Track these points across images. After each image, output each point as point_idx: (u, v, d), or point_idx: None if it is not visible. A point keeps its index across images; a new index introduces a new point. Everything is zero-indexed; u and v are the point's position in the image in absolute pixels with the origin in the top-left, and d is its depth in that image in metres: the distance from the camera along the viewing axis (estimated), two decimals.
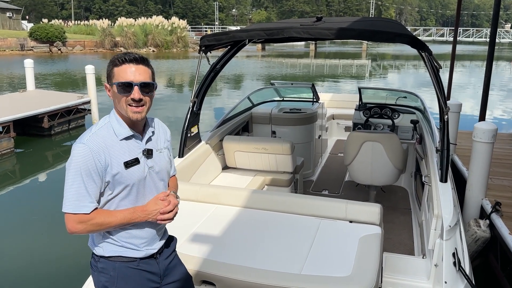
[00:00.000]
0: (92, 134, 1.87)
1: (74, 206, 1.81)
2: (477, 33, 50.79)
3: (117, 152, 1.88)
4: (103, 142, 1.86)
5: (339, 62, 34.35)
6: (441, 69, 3.25)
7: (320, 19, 3.72)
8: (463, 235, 2.95)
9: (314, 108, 6.12)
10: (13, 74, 22.32)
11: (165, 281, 2.09)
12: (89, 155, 1.81)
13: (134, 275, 1.97)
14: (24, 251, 5.11)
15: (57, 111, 10.29)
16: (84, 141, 1.84)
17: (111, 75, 1.90)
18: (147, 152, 1.97)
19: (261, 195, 3.29)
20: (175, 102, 15.74)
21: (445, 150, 3.22)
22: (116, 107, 1.93)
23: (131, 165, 1.90)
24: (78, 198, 1.81)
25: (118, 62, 1.88)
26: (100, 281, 1.98)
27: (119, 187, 1.90)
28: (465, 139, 6.93)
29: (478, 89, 17.77)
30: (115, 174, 1.87)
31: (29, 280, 4.55)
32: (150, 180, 1.99)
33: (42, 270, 4.72)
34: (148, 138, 2.00)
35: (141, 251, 1.99)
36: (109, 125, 1.92)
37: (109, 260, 1.96)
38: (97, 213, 1.86)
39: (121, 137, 1.91)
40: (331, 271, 2.37)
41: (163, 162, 2.06)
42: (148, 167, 1.97)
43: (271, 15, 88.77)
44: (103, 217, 1.86)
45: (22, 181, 7.61)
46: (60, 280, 4.53)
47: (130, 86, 1.86)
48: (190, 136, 4.08)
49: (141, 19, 44.00)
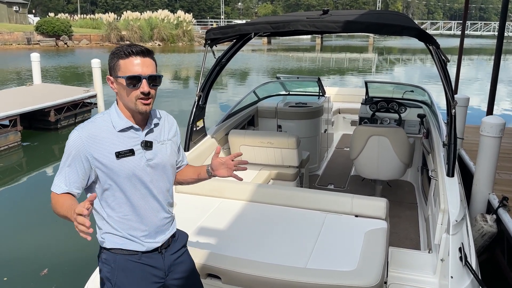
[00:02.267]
0: (87, 122, 1.91)
1: (54, 185, 1.92)
2: (485, 26, 50.26)
3: (110, 142, 1.87)
4: (96, 131, 1.88)
5: (346, 55, 34.17)
6: (449, 62, 3.22)
7: (326, 12, 3.69)
8: (470, 230, 2.94)
9: (320, 102, 6.09)
10: (19, 68, 22.42)
11: (170, 277, 2.07)
12: (78, 141, 1.85)
13: (135, 269, 1.96)
14: (31, 243, 5.17)
15: (64, 105, 10.33)
16: (77, 128, 1.89)
17: (115, 67, 1.87)
18: (146, 144, 1.94)
19: (266, 189, 3.29)
20: (180, 96, 15.75)
21: (452, 145, 3.19)
22: (122, 100, 1.92)
23: (123, 155, 1.88)
24: (58, 178, 1.91)
25: (124, 54, 1.84)
26: (102, 271, 2.00)
27: (111, 177, 1.89)
28: (472, 133, 6.88)
29: (486, 83, 17.61)
30: (104, 164, 1.86)
31: (37, 271, 4.60)
32: (150, 172, 1.96)
33: (48, 262, 4.76)
34: (149, 130, 1.98)
35: (143, 244, 1.97)
36: (108, 116, 1.93)
37: (110, 252, 1.97)
38: (62, 197, 1.87)
39: (118, 128, 1.90)
40: (336, 265, 2.37)
41: (164, 154, 2.02)
42: (146, 159, 1.94)
43: (277, 9, 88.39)
44: (59, 203, 1.85)
45: (28, 174, 7.66)
46: (68, 271, 4.58)
47: (139, 79, 1.84)
48: (195, 130, 4.08)
49: (147, 13, 44.01)
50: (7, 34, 36.96)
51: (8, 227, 5.66)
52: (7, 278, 4.51)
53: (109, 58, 1.90)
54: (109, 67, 1.91)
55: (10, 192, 6.88)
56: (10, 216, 5.98)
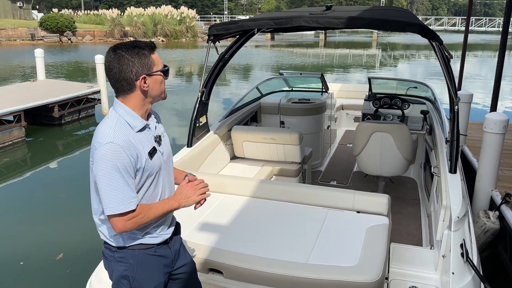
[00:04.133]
0: (114, 131, 1.82)
1: (121, 205, 1.80)
2: (490, 22, 49.89)
3: (139, 144, 1.89)
4: (127, 137, 1.84)
5: (349, 51, 34.02)
6: (452, 59, 3.22)
7: (329, 8, 3.69)
8: (472, 226, 2.94)
9: (323, 98, 6.09)
10: (23, 63, 22.46)
11: (176, 265, 2.14)
12: (121, 152, 1.79)
13: (152, 261, 2.02)
14: (45, 232, 5.33)
15: (67, 101, 10.36)
16: (111, 139, 1.79)
17: (150, 64, 1.88)
18: (159, 139, 2.01)
19: (268, 185, 3.30)
20: (183, 92, 15.75)
21: (455, 141, 3.19)
22: (151, 94, 1.92)
23: (152, 154, 1.93)
24: (123, 197, 1.79)
25: (149, 50, 1.90)
26: (118, 271, 1.99)
27: (149, 177, 1.93)
28: (476, 129, 6.86)
29: (490, 80, 17.53)
30: (144, 166, 1.89)
31: (53, 256, 4.76)
32: (164, 164, 2.04)
33: (63, 248, 4.90)
34: (153, 125, 2.03)
35: (158, 237, 2.03)
36: (122, 119, 1.88)
37: (128, 249, 1.98)
38: (141, 208, 1.87)
39: (137, 129, 1.91)
40: (337, 260, 2.38)
41: (168, 146, 2.12)
42: (160, 153, 2.01)
43: (281, 4, 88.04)
44: (148, 211, 1.89)
45: (33, 170, 7.71)
46: (82, 256, 4.70)
47: (168, 69, 1.99)
48: (198, 126, 4.10)
49: (150, 8, 43.89)
50: (11, 30, 37.00)
51: (21, 218, 5.78)
52: (23, 262, 4.65)
53: (134, 58, 1.85)
54: (140, 65, 1.85)
55: (14, 187, 6.92)
56: (21, 208, 6.04)
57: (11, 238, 5.20)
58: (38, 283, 4.35)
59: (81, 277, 3.05)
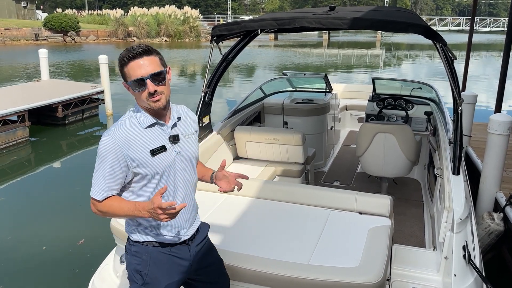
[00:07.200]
0: (117, 126, 1.95)
1: (93, 191, 1.94)
2: (494, 22, 49.67)
3: (142, 141, 1.93)
4: (127, 133, 1.92)
5: (353, 52, 33.97)
6: (456, 59, 3.20)
7: (333, 8, 3.68)
8: (475, 228, 2.93)
9: (326, 98, 6.08)
10: (27, 64, 22.56)
11: (196, 267, 2.15)
12: (113, 145, 1.89)
13: (165, 260, 2.05)
14: (65, 221, 5.53)
15: (71, 101, 10.41)
16: (109, 132, 1.92)
17: (124, 75, 1.94)
18: (173, 138, 2.01)
19: (271, 186, 3.30)
20: (187, 92, 15.77)
21: (458, 142, 3.18)
22: (138, 102, 1.99)
23: (157, 152, 1.95)
24: (98, 184, 1.92)
25: (125, 61, 1.91)
26: (132, 263, 2.06)
27: (149, 175, 1.96)
28: (480, 131, 6.83)
29: (494, 80, 17.44)
30: (141, 163, 1.92)
31: (74, 241, 4.95)
32: (179, 165, 2.04)
33: (83, 235, 5.07)
34: (173, 124, 2.04)
35: (174, 237, 2.06)
36: (133, 116, 1.98)
37: (143, 245, 2.03)
38: (109, 201, 1.93)
39: (145, 125, 1.96)
40: (339, 262, 2.38)
41: (191, 147, 2.11)
42: (175, 152, 2.02)
43: (284, 4, 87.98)
44: (109, 206, 1.94)
45: (37, 169, 7.74)
46: (103, 241, 4.77)
47: (143, 81, 1.90)
48: (201, 126, 4.10)
49: (154, 8, 43.99)
50: (16, 30, 37.17)
51: (37, 211, 5.93)
52: (45, 247, 4.85)
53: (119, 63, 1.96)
54: (121, 75, 1.97)
55: (18, 187, 6.95)
56: (17, 210, 6.05)
57: (32, 228, 5.38)
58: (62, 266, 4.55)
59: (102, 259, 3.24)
